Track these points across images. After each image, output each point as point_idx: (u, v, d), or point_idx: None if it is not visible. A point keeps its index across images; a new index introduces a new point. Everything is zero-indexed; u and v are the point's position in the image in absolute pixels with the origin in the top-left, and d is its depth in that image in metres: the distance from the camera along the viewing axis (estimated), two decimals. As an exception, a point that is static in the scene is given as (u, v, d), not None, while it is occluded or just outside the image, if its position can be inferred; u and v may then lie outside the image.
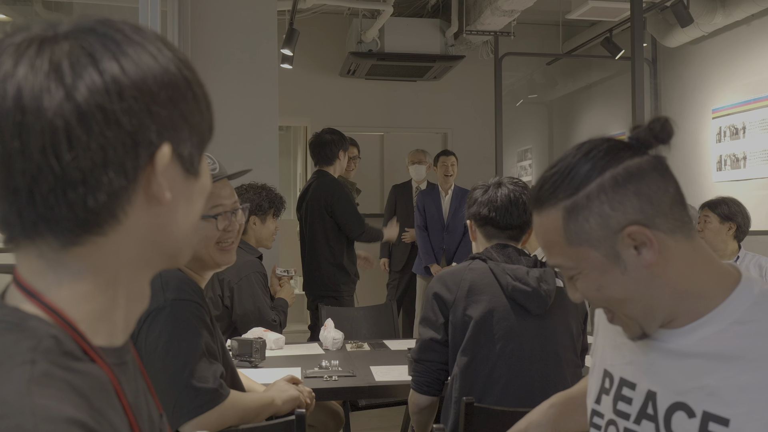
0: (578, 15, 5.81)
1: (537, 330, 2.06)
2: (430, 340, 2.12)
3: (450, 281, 2.11)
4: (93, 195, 0.65)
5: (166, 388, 1.67)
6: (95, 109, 0.64)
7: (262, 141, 4.26)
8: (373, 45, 6.37)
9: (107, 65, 0.65)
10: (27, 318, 0.66)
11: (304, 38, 6.09)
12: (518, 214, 2.15)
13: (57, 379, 0.62)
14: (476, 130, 7.54)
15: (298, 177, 9.35)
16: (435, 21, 6.55)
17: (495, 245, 2.16)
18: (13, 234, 0.67)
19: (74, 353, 0.66)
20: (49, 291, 0.68)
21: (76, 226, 0.66)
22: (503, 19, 5.89)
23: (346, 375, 2.63)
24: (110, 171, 0.65)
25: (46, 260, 0.67)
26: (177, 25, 3.85)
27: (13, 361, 0.62)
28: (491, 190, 2.18)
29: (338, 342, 3.20)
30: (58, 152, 0.63)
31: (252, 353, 2.77)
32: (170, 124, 0.69)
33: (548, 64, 7.61)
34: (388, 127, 7.59)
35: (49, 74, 0.63)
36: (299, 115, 7.39)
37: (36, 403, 0.59)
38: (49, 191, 0.64)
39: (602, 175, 1.04)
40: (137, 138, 0.66)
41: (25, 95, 0.63)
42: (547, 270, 2.11)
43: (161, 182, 0.69)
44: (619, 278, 1.06)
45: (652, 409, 1.10)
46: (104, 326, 0.71)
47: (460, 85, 7.50)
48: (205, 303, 1.82)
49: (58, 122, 0.63)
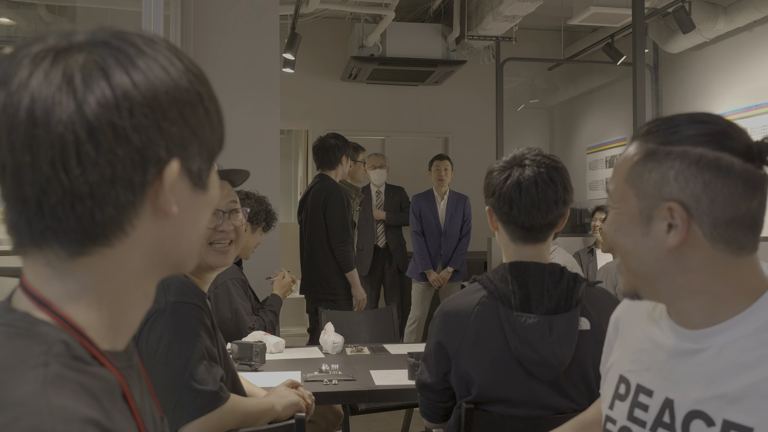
0: (580, 21, 5.82)
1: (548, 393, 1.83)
2: (429, 384, 1.94)
3: (454, 326, 1.86)
4: (100, 208, 0.66)
5: (166, 390, 1.68)
6: (105, 125, 0.64)
7: (264, 144, 4.27)
8: (374, 49, 6.39)
9: (119, 80, 0.65)
10: (37, 323, 0.66)
11: (306, 42, 6.10)
12: (547, 208, 1.83)
13: (70, 380, 0.63)
14: (477, 135, 7.55)
15: (299, 181, 9.35)
16: (437, 26, 6.56)
17: (511, 266, 1.85)
18: (21, 241, 0.68)
19: (84, 358, 0.66)
20: (57, 298, 0.68)
21: (84, 237, 0.67)
22: (505, 24, 5.91)
23: (346, 379, 2.63)
24: (118, 186, 0.66)
25: (53, 268, 0.68)
26: (180, 30, 3.86)
27: (26, 365, 0.62)
28: (513, 173, 1.84)
29: (338, 346, 3.20)
30: (67, 166, 0.63)
31: (252, 357, 2.77)
32: (180, 141, 0.69)
33: (549, 69, 7.62)
34: (389, 131, 7.60)
35: (61, 87, 0.64)
36: (301, 119, 7.40)
37: (52, 403, 0.59)
38: (57, 203, 0.65)
39: (695, 147, 1.02)
40: (146, 154, 0.67)
41: (38, 107, 0.63)
42: (572, 314, 1.81)
43: (169, 197, 0.69)
44: (638, 237, 1.07)
45: (669, 417, 1.08)
46: (110, 332, 0.72)
47: (461, 90, 7.51)
48: (206, 306, 1.82)
49: (68, 137, 0.63)
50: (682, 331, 1.09)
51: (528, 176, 1.83)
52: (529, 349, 1.77)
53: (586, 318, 1.84)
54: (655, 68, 6.63)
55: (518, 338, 1.78)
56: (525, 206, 1.82)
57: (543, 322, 1.78)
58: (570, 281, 1.83)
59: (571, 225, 6.72)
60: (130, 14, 3.76)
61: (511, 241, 1.89)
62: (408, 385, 2.60)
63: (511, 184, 1.83)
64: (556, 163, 1.88)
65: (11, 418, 0.58)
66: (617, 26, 6.19)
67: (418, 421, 4.08)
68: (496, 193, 1.85)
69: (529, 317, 1.79)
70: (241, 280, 3.30)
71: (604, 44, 6.52)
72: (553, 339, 1.77)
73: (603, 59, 6.64)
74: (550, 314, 1.80)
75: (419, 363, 2.58)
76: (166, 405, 1.67)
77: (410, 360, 2.63)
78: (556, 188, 1.84)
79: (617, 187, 1.11)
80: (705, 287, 1.05)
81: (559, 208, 1.85)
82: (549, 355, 1.77)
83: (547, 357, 1.77)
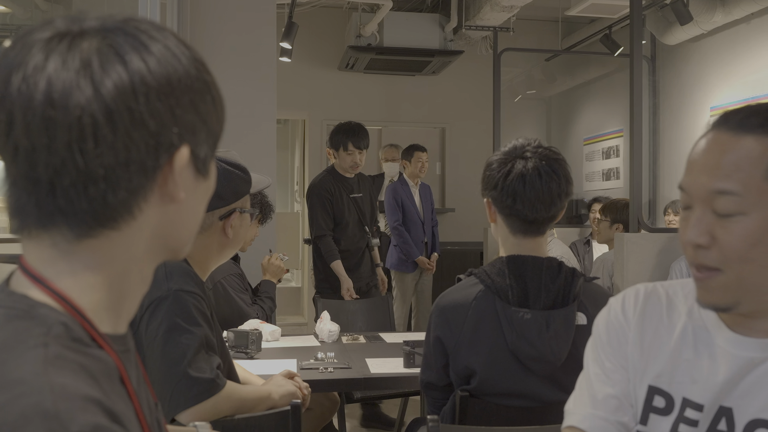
0: (578, 11, 5.81)
1: (544, 386, 1.83)
2: (433, 382, 1.94)
3: (453, 319, 1.85)
4: (113, 191, 0.67)
5: (163, 377, 1.68)
6: (123, 109, 0.65)
7: (260, 134, 4.27)
8: (372, 39, 6.37)
9: (136, 65, 0.67)
10: (36, 305, 0.67)
11: (303, 32, 6.08)
12: (551, 201, 1.82)
13: (69, 360, 0.63)
14: (474, 126, 7.55)
15: (295, 170, 9.35)
16: (434, 16, 6.55)
17: (509, 260, 1.84)
18: (26, 223, 0.69)
19: (83, 339, 0.67)
20: (59, 279, 0.69)
21: (93, 219, 0.68)
22: (502, 14, 5.90)
23: (342, 367, 2.64)
24: (132, 169, 0.67)
25: (58, 250, 0.69)
26: (176, 18, 3.85)
27: (25, 345, 0.63)
28: (516, 165, 1.83)
29: (334, 334, 3.21)
30: (83, 148, 0.64)
31: (248, 345, 2.78)
32: (190, 127, 0.71)
33: (547, 60, 7.61)
34: (386, 121, 7.60)
35: (79, 71, 0.64)
36: (297, 109, 7.39)
37: (54, 382, 0.60)
38: (70, 185, 0.66)
39: None
40: (160, 139, 0.68)
41: (56, 90, 0.64)
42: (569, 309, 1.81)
43: (178, 182, 0.71)
44: None
45: (725, 425, 1.01)
46: (111, 315, 0.72)
47: (458, 80, 7.50)
48: (206, 295, 1.84)
49: (86, 120, 0.64)
50: (743, 339, 1.03)
51: (531, 168, 1.81)
52: (526, 344, 1.77)
53: (582, 313, 1.84)
54: (653, 60, 6.63)
55: (515, 333, 1.78)
56: (529, 199, 1.81)
57: (540, 317, 1.78)
58: (568, 276, 1.83)
59: (567, 216, 6.72)
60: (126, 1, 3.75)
61: (511, 234, 1.89)
62: (403, 372, 2.61)
63: (514, 177, 1.81)
64: (556, 154, 1.88)
65: (12, 396, 0.58)
66: (615, 17, 6.18)
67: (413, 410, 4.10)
68: (499, 185, 1.84)
69: (527, 312, 1.78)
70: (238, 275, 3.30)
71: (601, 35, 6.51)
72: (550, 334, 1.77)
73: (600, 50, 6.64)
74: (548, 309, 1.79)
75: (415, 351, 2.60)
76: (163, 392, 1.68)
77: (406, 348, 2.64)
78: (559, 180, 1.84)
79: (750, 187, 0.95)
80: None
81: (562, 200, 1.86)
82: (546, 350, 1.77)
83: (543, 352, 1.77)
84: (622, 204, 4.41)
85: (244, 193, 1.91)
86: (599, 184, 7.39)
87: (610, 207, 4.55)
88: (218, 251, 1.90)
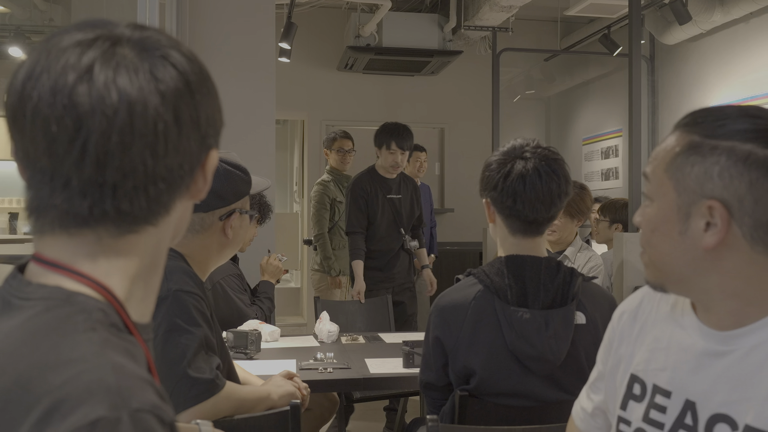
0: (576, 11, 5.82)
1: (544, 386, 1.83)
2: (432, 383, 1.94)
3: (452, 319, 1.85)
4: (168, 190, 0.72)
5: (162, 377, 1.68)
6: (185, 112, 0.71)
7: (259, 134, 4.26)
8: (371, 39, 6.37)
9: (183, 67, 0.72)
10: (73, 294, 0.69)
11: (302, 32, 6.08)
12: (551, 201, 1.83)
13: (116, 344, 0.66)
14: (473, 126, 7.55)
15: (294, 171, 9.34)
16: (433, 16, 6.55)
17: (508, 260, 1.84)
18: (68, 223, 0.70)
19: (119, 326, 0.70)
20: (100, 272, 0.72)
21: (143, 217, 0.72)
22: (501, 14, 5.90)
23: (341, 367, 2.64)
24: (185, 168, 0.73)
25: (101, 246, 0.72)
26: (175, 18, 3.84)
27: (75, 329, 0.66)
28: (516, 165, 1.83)
29: (333, 335, 3.21)
30: (155, 151, 0.69)
31: (247, 345, 2.78)
32: (218, 129, 0.78)
33: (546, 60, 7.62)
34: (385, 121, 7.56)
35: (149, 78, 0.69)
36: (296, 109, 7.39)
37: (114, 360, 0.63)
38: (133, 187, 0.69)
39: (743, 143, 0.97)
40: (205, 141, 0.75)
41: (132, 98, 0.67)
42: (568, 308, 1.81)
43: (208, 179, 0.77)
44: (674, 236, 1.02)
45: (691, 419, 1.05)
46: (141, 305, 0.76)
47: (457, 81, 7.51)
48: (205, 295, 1.84)
49: (160, 125, 0.69)
50: (709, 331, 1.06)
51: (531, 169, 1.82)
52: (525, 344, 1.77)
53: (581, 312, 1.85)
54: (652, 59, 6.63)
55: (514, 333, 1.78)
56: (530, 199, 1.81)
57: (539, 316, 1.78)
58: (566, 275, 1.83)
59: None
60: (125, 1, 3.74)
61: (510, 234, 1.89)
62: (403, 373, 2.61)
63: (514, 177, 1.82)
64: (555, 154, 1.88)
65: (77, 372, 0.61)
66: (614, 17, 6.18)
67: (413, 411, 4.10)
68: (499, 186, 1.84)
69: (526, 312, 1.78)
70: (237, 275, 3.30)
71: (600, 35, 6.51)
72: (550, 334, 1.77)
73: (599, 50, 6.64)
74: (546, 309, 1.79)
75: (414, 351, 2.60)
76: (162, 392, 1.68)
77: (405, 348, 2.64)
78: (559, 181, 1.84)
79: (656, 175, 1.05)
80: (739, 290, 1.01)
81: (561, 200, 1.86)
82: (545, 350, 1.77)
83: (543, 352, 1.77)
84: (621, 204, 4.41)
85: (245, 194, 1.91)
86: (598, 183, 7.39)
87: (608, 207, 4.55)
88: (218, 251, 1.90)
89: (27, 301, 0.68)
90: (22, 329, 0.66)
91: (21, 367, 0.62)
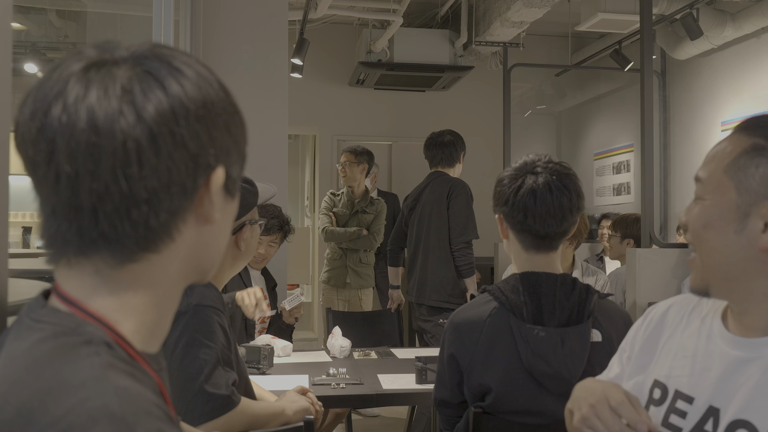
0: (588, 27, 5.82)
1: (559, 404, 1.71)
2: (447, 400, 1.92)
3: (467, 337, 1.83)
4: (155, 213, 0.69)
5: (179, 391, 1.69)
6: (165, 132, 0.67)
7: (272, 149, 4.28)
8: (382, 55, 6.40)
9: (174, 88, 0.69)
10: (83, 323, 0.68)
11: (314, 48, 6.12)
12: (562, 216, 1.82)
13: (120, 368, 0.65)
14: (484, 141, 7.55)
15: (306, 185, 9.36)
16: (444, 32, 6.57)
17: (523, 277, 1.83)
18: (65, 251, 0.70)
19: (124, 358, 0.68)
20: (101, 304, 0.70)
21: (135, 243, 0.69)
22: (512, 30, 5.91)
23: (354, 382, 2.64)
24: (173, 191, 0.69)
25: (101, 276, 0.70)
26: (189, 34, 3.88)
27: (78, 354, 0.64)
28: (526, 180, 1.83)
29: (345, 350, 3.21)
30: (128, 172, 0.66)
31: (260, 360, 2.78)
32: (225, 149, 0.73)
33: (557, 75, 7.63)
34: (396, 136, 7.61)
35: (121, 97, 0.66)
36: (308, 124, 7.42)
37: (117, 385, 0.62)
38: (113, 210, 0.67)
39: None
40: (199, 161, 0.70)
41: (99, 117, 0.65)
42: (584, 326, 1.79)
43: (214, 202, 0.73)
44: (729, 234, 1.04)
45: (711, 426, 1.05)
46: (149, 336, 0.74)
47: (468, 96, 7.52)
48: (225, 310, 1.85)
49: (130, 144, 0.66)
50: (737, 339, 1.07)
51: (542, 183, 1.81)
52: (541, 362, 1.76)
53: (597, 330, 1.83)
54: (663, 74, 6.63)
55: (530, 351, 1.77)
56: (540, 214, 1.81)
57: (555, 334, 1.77)
58: (582, 293, 1.82)
59: (578, 231, 6.70)
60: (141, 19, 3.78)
61: (523, 250, 1.88)
62: (416, 389, 2.60)
63: (525, 192, 1.82)
64: (567, 169, 1.88)
65: (78, 399, 0.60)
66: (625, 32, 6.19)
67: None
68: (510, 201, 1.84)
69: (541, 330, 1.77)
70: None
71: (611, 50, 6.52)
72: (566, 352, 1.76)
73: (610, 65, 6.64)
74: (562, 326, 1.78)
75: (427, 367, 2.60)
76: (178, 406, 1.69)
77: (418, 364, 2.64)
78: (570, 195, 1.83)
79: (713, 176, 1.06)
80: None
81: (573, 215, 1.85)
82: (561, 368, 1.75)
83: (559, 370, 1.75)
84: (632, 219, 4.40)
85: (253, 205, 1.94)
86: (610, 199, 7.38)
87: (620, 222, 4.54)
88: (231, 264, 1.92)
89: (38, 323, 0.68)
90: (27, 355, 0.65)
91: (23, 396, 0.61)
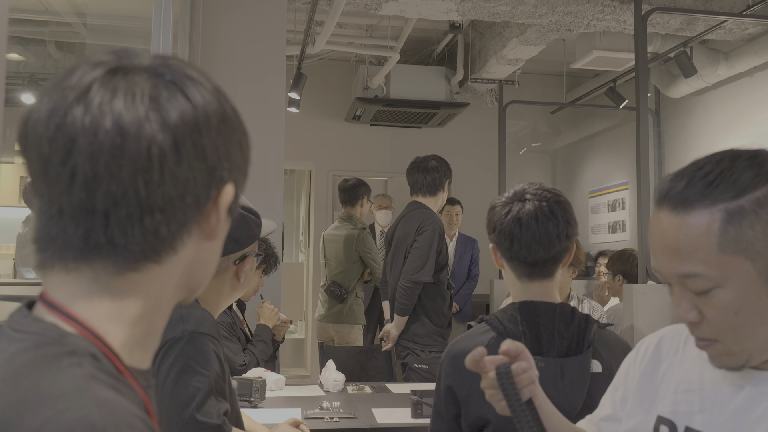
0: (583, 65, 5.88)
1: None
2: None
3: (464, 369, 1.70)
4: (167, 223, 0.68)
5: (170, 419, 1.66)
6: (188, 141, 0.67)
7: (268, 183, 4.28)
8: (378, 91, 6.44)
9: (198, 99, 0.69)
10: (67, 335, 0.66)
11: (311, 83, 6.16)
12: (549, 242, 1.79)
13: (102, 380, 0.62)
14: (480, 178, 7.57)
15: (301, 221, 9.36)
16: (440, 69, 6.63)
17: (521, 306, 1.79)
18: (64, 255, 0.68)
19: (111, 372, 0.66)
20: (94, 314, 0.68)
21: (141, 251, 0.68)
22: (508, 67, 5.97)
23: (348, 416, 2.59)
24: (187, 201, 0.68)
25: (99, 284, 0.68)
26: (186, 67, 3.90)
27: (60, 365, 0.62)
28: (513, 208, 1.81)
29: (339, 384, 3.17)
30: (148, 178, 0.65)
31: (252, 393, 2.74)
32: (237, 165, 0.73)
33: (552, 113, 7.68)
34: (392, 172, 7.62)
35: (148, 103, 0.66)
36: (303, 159, 7.44)
37: (98, 396, 0.59)
38: (126, 215, 0.66)
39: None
40: (214, 173, 0.70)
41: (126, 120, 0.65)
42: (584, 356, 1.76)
43: (221, 218, 0.72)
44: (764, 300, 0.96)
45: None
46: (139, 350, 0.72)
47: (464, 133, 7.56)
48: (221, 339, 1.82)
49: (154, 149, 0.65)
50: (752, 372, 1.04)
51: (528, 211, 1.79)
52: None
53: (597, 360, 1.80)
54: (657, 113, 6.68)
55: None
56: (526, 241, 1.78)
57: (555, 365, 1.73)
58: (582, 322, 1.79)
59: (573, 268, 6.69)
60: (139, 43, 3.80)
61: (517, 278, 1.85)
62: (412, 423, 2.56)
63: (511, 219, 1.80)
64: (557, 196, 1.86)
65: (57, 411, 0.57)
66: (620, 70, 6.24)
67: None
68: (497, 228, 1.82)
69: (540, 360, 1.72)
70: (227, 323, 3.26)
71: (606, 88, 6.57)
72: (566, 383, 1.72)
73: (605, 103, 6.69)
74: (562, 357, 1.75)
75: (423, 401, 2.56)
76: (168, 433, 1.65)
77: (414, 398, 2.60)
78: (557, 222, 1.81)
79: (710, 265, 0.97)
80: None
81: (562, 242, 1.81)
82: (561, 400, 1.71)
83: (559, 402, 1.69)
84: (627, 254, 4.40)
85: (257, 237, 1.92)
86: (605, 236, 7.38)
87: (611, 259, 4.56)
88: (228, 294, 1.90)
89: (19, 333, 0.65)
90: (6, 366, 0.62)
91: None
